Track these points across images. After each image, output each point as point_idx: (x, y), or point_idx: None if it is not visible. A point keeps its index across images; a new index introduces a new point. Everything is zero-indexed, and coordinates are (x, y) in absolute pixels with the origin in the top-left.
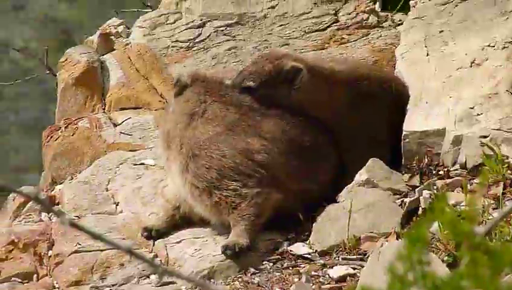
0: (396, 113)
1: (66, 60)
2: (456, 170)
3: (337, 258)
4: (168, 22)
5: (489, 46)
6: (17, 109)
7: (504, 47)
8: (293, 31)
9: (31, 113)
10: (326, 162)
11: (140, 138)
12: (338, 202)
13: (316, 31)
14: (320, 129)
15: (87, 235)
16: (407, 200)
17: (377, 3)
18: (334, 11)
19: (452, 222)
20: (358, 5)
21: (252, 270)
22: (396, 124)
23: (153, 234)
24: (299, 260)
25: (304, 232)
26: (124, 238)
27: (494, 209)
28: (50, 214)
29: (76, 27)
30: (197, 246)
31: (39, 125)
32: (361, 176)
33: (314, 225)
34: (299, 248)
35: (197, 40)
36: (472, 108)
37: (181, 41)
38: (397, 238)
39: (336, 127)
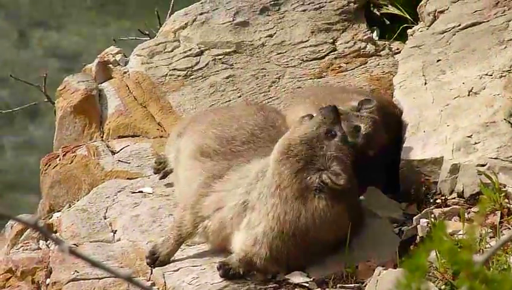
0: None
1: (64, 88)
2: (454, 198)
3: (334, 287)
4: (166, 50)
5: (487, 74)
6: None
7: (502, 76)
8: (291, 59)
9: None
10: None
11: (138, 166)
12: None
13: (314, 59)
14: None
15: (85, 263)
16: (404, 228)
17: (375, 32)
18: (332, 40)
19: (450, 250)
20: (356, 34)
21: None
22: (393, 152)
23: None
24: (296, 289)
25: None
26: (121, 266)
27: (491, 238)
28: (48, 242)
29: (74, 55)
30: (194, 274)
31: None
32: None
33: None
34: (296, 277)
35: (195, 68)
36: (470, 137)
37: (179, 70)
38: (395, 267)
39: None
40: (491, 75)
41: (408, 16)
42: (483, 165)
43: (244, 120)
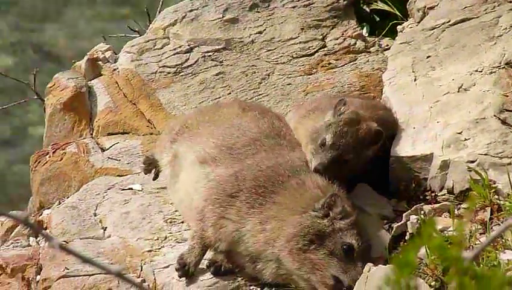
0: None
1: (53, 85)
2: (444, 195)
3: None
4: (155, 47)
5: (476, 71)
6: None
7: (492, 72)
8: (281, 56)
9: None
10: None
11: (128, 163)
12: None
13: (304, 56)
14: None
15: (76, 259)
16: (394, 225)
17: (364, 28)
18: (321, 36)
19: (440, 247)
20: (345, 30)
21: None
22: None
23: None
24: (286, 287)
25: None
26: (112, 263)
27: (481, 234)
28: (38, 239)
29: (63, 52)
30: None
31: None
32: None
33: None
34: None
35: (184, 66)
36: (459, 133)
37: (169, 67)
38: (385, 263)
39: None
40: (481, 72)
41: (398, 12)
42: (473, 162)
43: (247, 128)
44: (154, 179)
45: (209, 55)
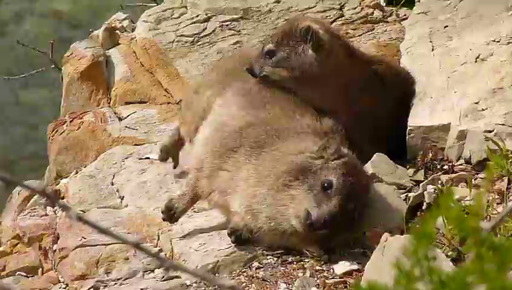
0: (403, 107)
1: (71, 54)
2: (461, 164)
3: (341, 253)
4: (173, 16)
5: (494, 41)
6: None
7: (509, 42)
8: None
9: None
10: None
11: (145, 132)
12: None
13: None
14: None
15: (93, 229)
16: (411, 194)
17: None
18: (339, 6)
19: (458, 217)
20: (363, 0)
21: (257, 264)
22: (400, 118)
23: None
24: (303, 255)
25: None
26: (129, 233)
27: (498, 204)
28: (55, 208)
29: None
30: (201, 240)
31: None
32: (366, 170)
33: None
34: None
35: (202, 35)
36: (477, 103)
37: (186, 36)
38: (401, 233)
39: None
40: (499, 42)
41: None
42: (490, 132)
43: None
44: (174, 167)
45: (227, 25)
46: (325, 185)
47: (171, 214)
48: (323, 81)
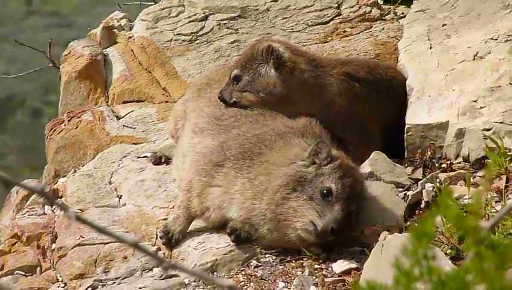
0: (390, 102)
1: (69, 53)
2: (459, 163)
3: (340, 251)
4: (170, 15)
5: (492, 39)
6: None
7: (507, 40)
8: (296, 24)
9: None
10: None
11: (143, 131)
12: None
13: (319, 24)
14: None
15: (91, 228)
16: (410, 193)
17: None
18: (336, 4)
19: (457, 216)
20: None
21: (255, 263)
22: (389, 112)
23: None
24: (302, 254)
25: None
26: (127, 231)
27: (496, 202)
28: (53, 207)
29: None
30: (200, 239)
31: None
32: (364, 168)
33: None
34: None
35: (199, 33)
36: (475, 101)
37: (184, 35)
38: (400, 231)
39: (325, 122)
40: (497, 40)
41: None
42: (488, 130)
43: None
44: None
45: (224, 23)
46: (325, 192)
47: (169, 238)
48: (292, 98)
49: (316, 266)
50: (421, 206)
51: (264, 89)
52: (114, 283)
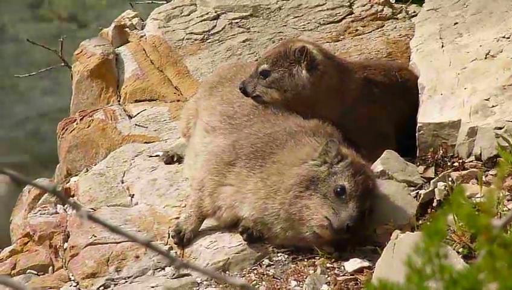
0: (406, 104)
1: (81, 52)
2: (471, 161)
3: (352, 250)
4: (182, 14)
5: (504, 37)
6: None
7: None
8: (308, 23)
9: None
10: None
11: (155, 130)
12: None
13: (331, 22)
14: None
15: (103, 227)
16: (422, 192)
17: None
18: (348, 3)
19: (469, 215)
20: None
21: (267, 262)
22: (403, 113)
23: None
24: (314, 252)
25: None
26: (139, 231)
27: (508, 200)
28: (65, 206)
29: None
30: (212, 238)
31: None
32: (376, 167)
33: None
34: None
35: (211, 32)
36: (487, 100)
37: (196, 34)
38: (412, 230)
39: (343, 124)
40: (508, 38)
41: None
42: (500, 128)
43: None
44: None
45: (236, 22)
46: (338, 190)
47: (181, 237)
48: (316, 101)
49: (328, 265)
50: (433, 205)
51: (292, 89)
52: (126, 282)
